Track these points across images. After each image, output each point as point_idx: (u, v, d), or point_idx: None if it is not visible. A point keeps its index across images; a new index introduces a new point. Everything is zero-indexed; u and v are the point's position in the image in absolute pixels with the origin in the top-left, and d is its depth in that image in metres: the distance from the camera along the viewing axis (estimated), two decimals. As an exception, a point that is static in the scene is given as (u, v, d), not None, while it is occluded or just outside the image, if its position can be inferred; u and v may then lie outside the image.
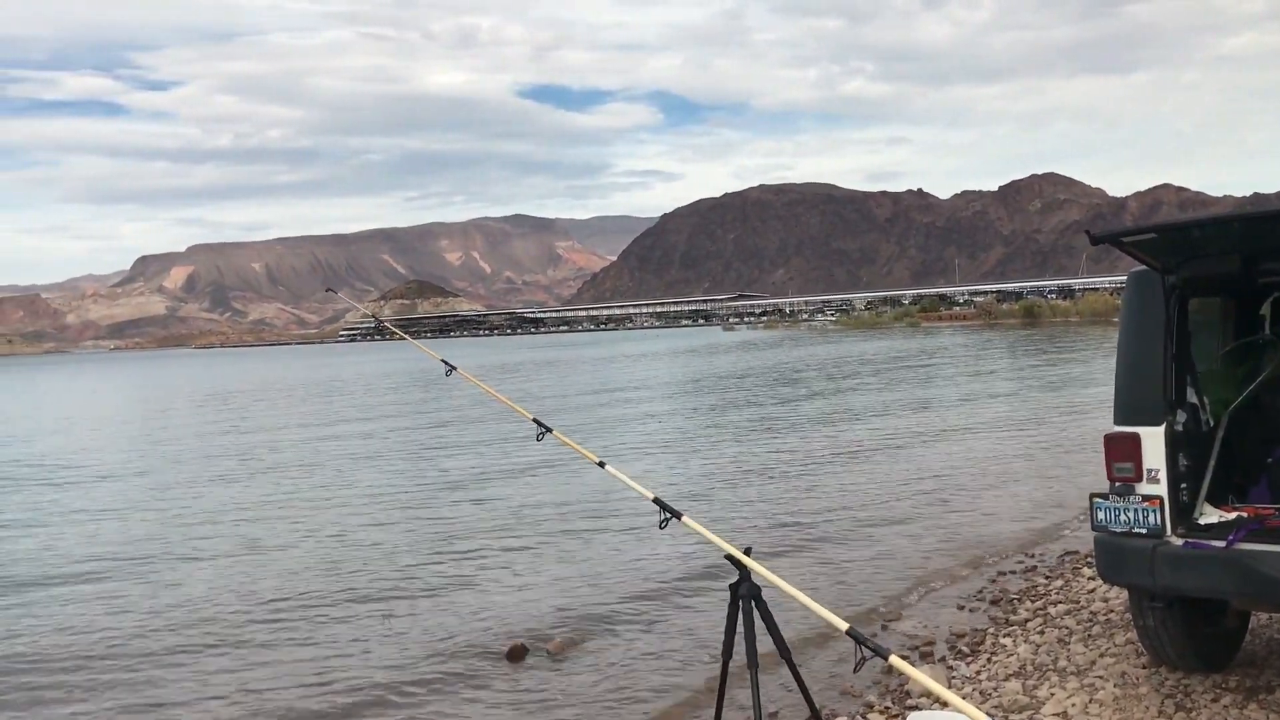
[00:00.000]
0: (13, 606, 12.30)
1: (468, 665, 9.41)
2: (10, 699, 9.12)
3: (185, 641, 10.51)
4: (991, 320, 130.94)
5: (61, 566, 14.50)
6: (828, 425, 27.60)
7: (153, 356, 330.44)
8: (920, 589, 11.18)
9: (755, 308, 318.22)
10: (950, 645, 9.07)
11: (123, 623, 11.34)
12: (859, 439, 24.21)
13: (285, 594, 12.19)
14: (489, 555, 13.77)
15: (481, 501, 18.16)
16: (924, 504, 15.85)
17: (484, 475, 21.39)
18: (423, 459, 24.96)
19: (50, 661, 10.10)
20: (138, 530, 17.03)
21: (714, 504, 16.58)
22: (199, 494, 20.86)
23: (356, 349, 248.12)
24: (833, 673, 8.52)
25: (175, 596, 12.41)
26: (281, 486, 21.34)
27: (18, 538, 16.99)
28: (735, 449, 23.75)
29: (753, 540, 11.12)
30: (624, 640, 9.90)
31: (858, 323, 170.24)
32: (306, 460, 25.89)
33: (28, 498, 21.78)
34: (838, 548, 13.22)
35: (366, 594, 12.04)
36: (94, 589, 13.02)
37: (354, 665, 9.57)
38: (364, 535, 15.61)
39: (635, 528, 14.66)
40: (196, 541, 15.83)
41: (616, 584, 11.89)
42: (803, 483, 18.40)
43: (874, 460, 20.69)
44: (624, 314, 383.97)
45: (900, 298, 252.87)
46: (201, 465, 25.72)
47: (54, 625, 11.40)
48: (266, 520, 17.38)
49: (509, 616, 10.79)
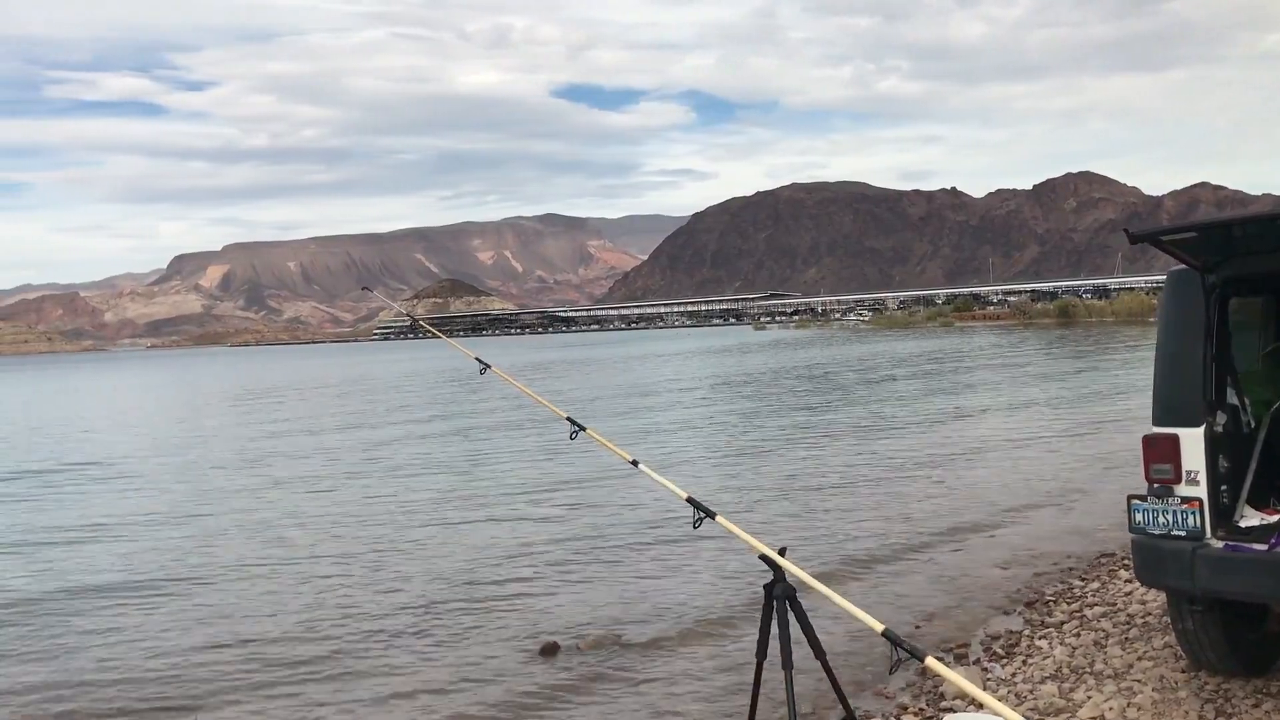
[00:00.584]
0: (60, 614, 12.47)
1: (499, 660, 9.44)
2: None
3: (223, 644, 10.61)
4: (1026, 320, 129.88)
5: (116, 574, 14.68)
6: (860, 425, 27.47)
7: (189, 355, 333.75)
8: (953, 590, 11.10)
9: (787, 307, 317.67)
10: (985, 647, 9.00)
11: (166, 636, 11.45)
12: (891, 439, 24.09)
13: (314, 598, 12.27)
14: (521, 554, 13.79)
15: (513, 501, 18.20)
16: (957, 504, 15.74)
17: (517, 474, 21.44)
18: (455, 458, 25.06)
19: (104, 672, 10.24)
20: (180, 538, 17.15)
21: (748, 504, 16.53)
22: (237, 499, 21.01)
23: (390, 347, 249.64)
24: (866, 674, 8.48)
25: (218, 604, 12.49)
26: (316, 487, 21.49)
27: (68, 542, 17.20)
28: (768, 449, 23.69)
29: (785, 540, 11.08)
30: (655, 640, 9.88)
31: (890, 322, 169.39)
32: (341, 458, 26.05)
33: (81, 499, 22.05)
34: (870, 548, 13.14)
35: (398, 595, 12.09)
36: (129, 597, 13.17)
37: (385, 665, 9.62)
38: (394, 534, 15.69)
39: (668, 527, 14.65)
40: (236, 547, 15.96)
41: (649, 584, 11.88)
42: (836, 483, 18.32)
43: (906, 460, 20.57)
44: (655, 313, 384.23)
45: (933, 297, 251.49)
46: (239, 468, 25.92)
47: (101, 636, 11.54)
48: (302, 521, 17.51)
49: (541, 613, 10.82)
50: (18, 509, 20.15)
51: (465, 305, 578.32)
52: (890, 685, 8.06)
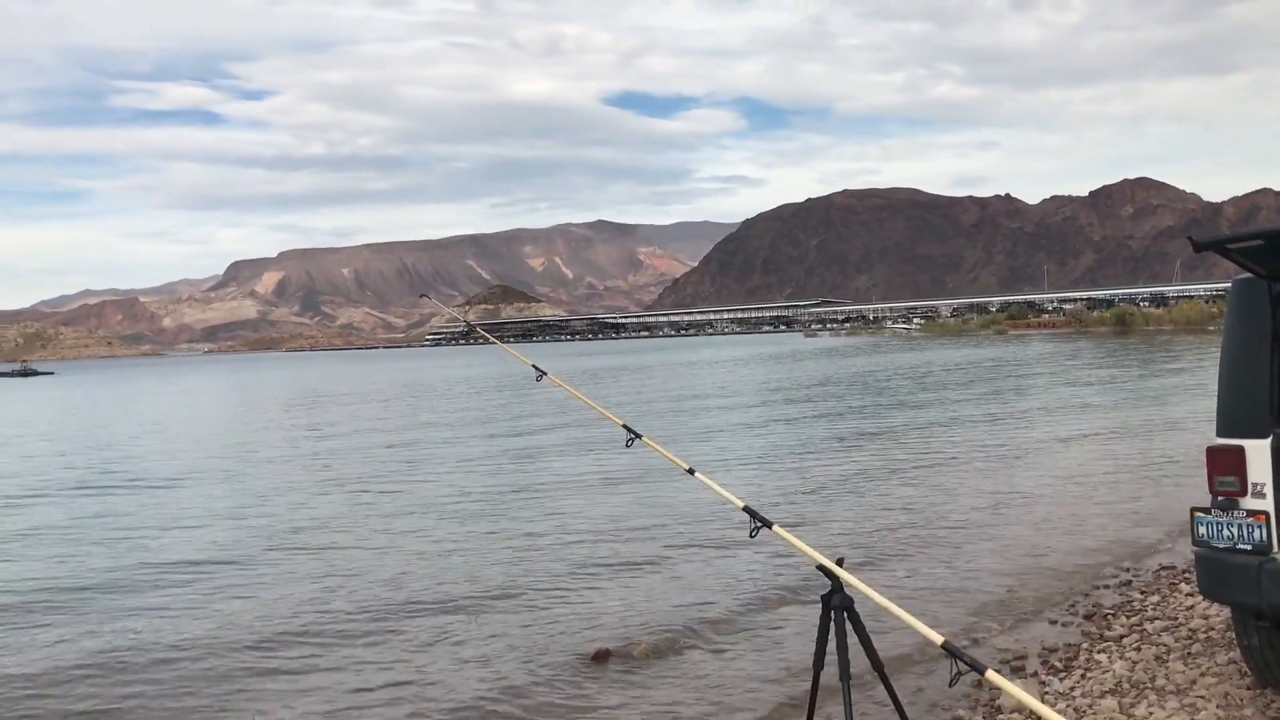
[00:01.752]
0: (121, 605, 12.70)
1: (552, 669, 9.45)
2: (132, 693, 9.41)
3: (277, 641, 10.73)
4: (1082, 328, 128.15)
5: (172, 566, 14.93)
6: (915, 434, 27.24)
7: (245, 359, 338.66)
8: (1010, 602, 10.96)
9: (838, 314, 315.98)
10: (1043, 660, 8.88)
11: (214, 628, 11.62)
12: (947, 449, 23.86)
13: (372, 597, 12.38)
14: (576, 561, 13.81)
15: (569, 507, 18.23)
16: (1014, 515, 15.55)
17: (572, 481, 21.51)
18: (510, 463, 25.19)
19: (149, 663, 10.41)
20: (231, 535, 17.42)
21: (803, 514, 16.44)
22: (293, 498, 21.29)
23: (443, 353, 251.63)
24: (921, 686, 8.40)
25: (268, 600, 12.66)
26: (372, 490, 21.70)
27: (129, 538, 17.52)
28: (822, 458, 23.56)
29: (842, 551, 11.03)
30: (710, 649, 9.86)
31: (943, 330, 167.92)
32: (396, 462, 26.30)
33: (142, 499, 22.45)
34: (926, 559, 13.03)
35: (454, 597, 12.16)
36: (185, 591, 13.38)
37: (440, 668, 9.67)
38: (451, 539, 15.78)
39: (724, 536, 14.62)
40: (287, 545, 16.15)
41: (704, 592, 11.84)
42: (891, 493, 18.17)
43: (963, 471, 20.36)
44: (705, 320, 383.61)
45: (987, 305, 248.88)
46: (295, 469, 26.28)
47: (159, 623, 11.73)
48: (357, 523, 17.68)
49: (595, 622, 10.82)
50: (92, 504, 20.54)
51: (516, 311, 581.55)
52: (947, 698, 7.98)
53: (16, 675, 9.87)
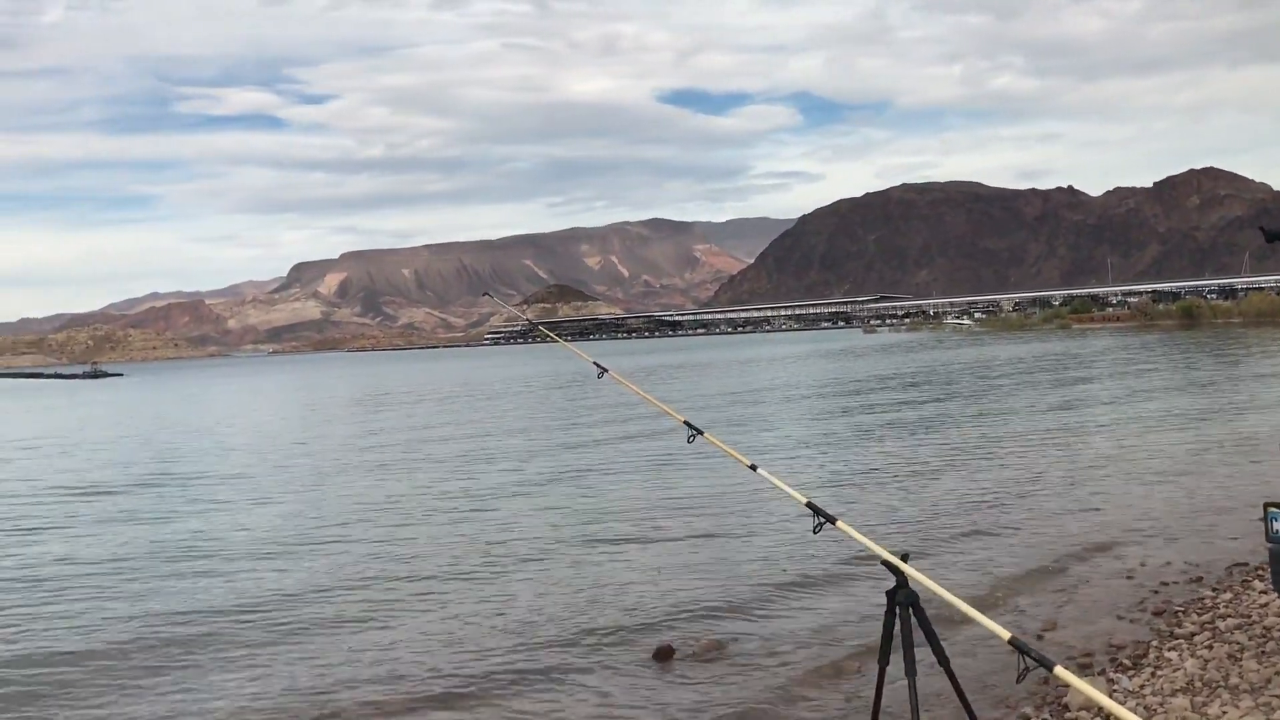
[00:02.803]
0: (201, 576, 12.98)
1: (616, 664, 9.52)
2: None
3: (347, 615, 10.91)
4: (1147, 322, 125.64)
5: (239, 552, 15.23)
6: (978, 430, 26.93)
7: (309, 360, 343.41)
8: (1076, 598, 10.83)
9: (897, 309, 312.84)
10: (1110, 657, 8.76)
11: (286, 603, 11.82)
12: (1011, 444, 23.57)
13: (436, 586, 12.53)
14: (639, 557, 13.89)
15: (630, 503, 18.33)
16: (1081, 511, 15.34)
17: (632, 478, 21.59)
18: (570, 461, 25.31)
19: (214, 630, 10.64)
20: (306, 522, 17.72)
21: (866, 509, 16.37)
22: (363, 488, 21.62)
23: (502, 351, 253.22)
24: (987, 682, 8.33)
25: (345, 602, 12.83)
26: (439, 484, 21.94)
27: (207, 527, 17.89)
28: (884, 454, 23.40)
29: (905, 546, 10.93)
30: (774, 644, 9.86)
31: (1005, 325, 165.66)
32: (459, 458, 26.55)
33: (220, 493, 22.91)
34: (990, 554, 12.90)
35: (518, 590, 12.28)
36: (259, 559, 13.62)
37: (504, 659, 9.77)
38: (506, 535, 15.93)
39: (786, 532, 14.59)
40: (359, 530, 16.39)
41: (767, 588, 11.84)
42: (955, 489, 18.01)
43: (1028, 466, 20.10)
44: (762, 316, 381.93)
45: (1050, 299, 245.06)
46: (366, 460, 26.64)
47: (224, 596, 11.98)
48: (423, 517, 17.89)
49: (656, 618, 10.87)
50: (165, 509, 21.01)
51: (573, 310, 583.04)
52: (1012, 694, 7.91)
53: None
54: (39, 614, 12.47)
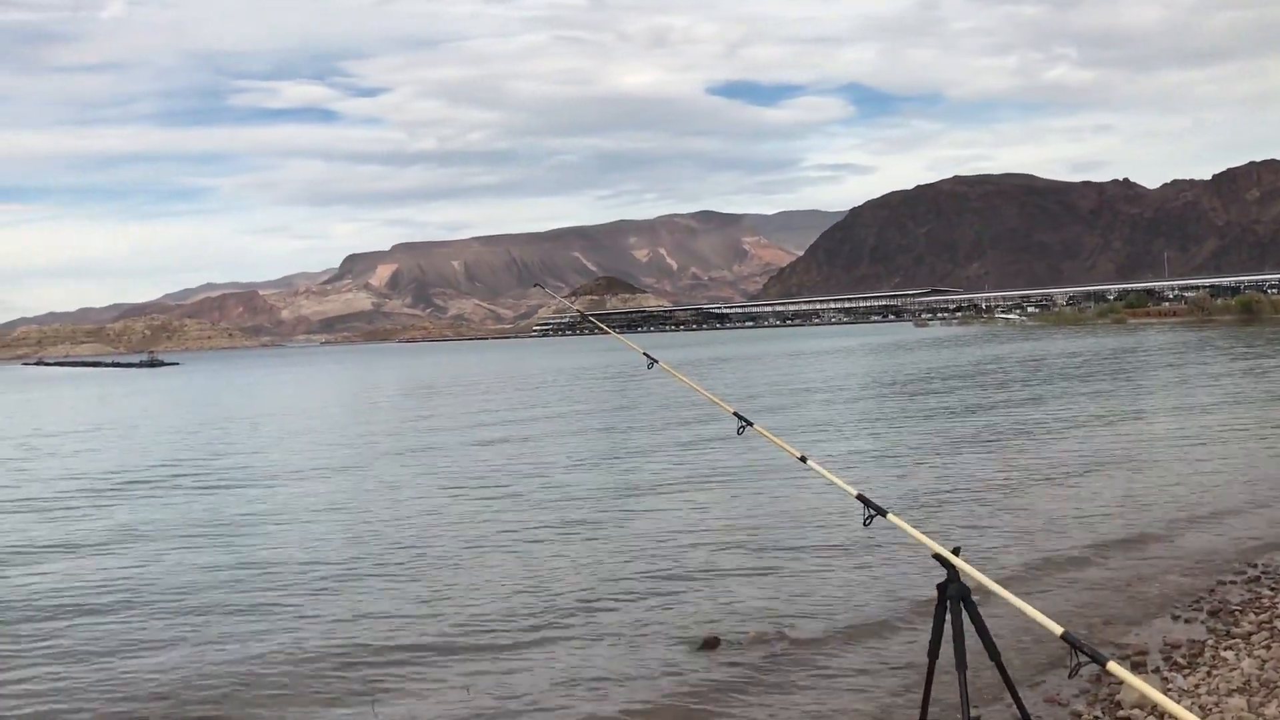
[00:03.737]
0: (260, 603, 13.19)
1: (662, 653, 9.53)
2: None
3: (389, 623, 11.03)
4: (1205, 317, 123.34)
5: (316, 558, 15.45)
6: (1032, 425, 26.63)
7: (361, 350, 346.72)
8: (1130, 595, 10.69)
9: (949, 303, 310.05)
10: (1165, 656, 8.64)
11: (352, 622, 11.98)
12: (1064, 439, 23.30)
13: (477, 588, 12.62)
14: (683, 547, 13.89)
15: (677, 494, 18.35)
16: (1135, 507, 15.13)
17: (680, 469, 21.60)
18: (619, 451, 25.39)
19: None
20: (359, 525, 17.92)
21: (917, 502, 16.26)
22: (409, 488, 21.82)
23: (550, 343, 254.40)
24: (1038, 678, 8.26)
25: (399, 589, 12.96)
26: (486, 479, 22.09)
27: (270, 529, 18.17)
28: (936, 448, 23.21)
29: (956, 540, 10.85)
30: (819, 638, 9.81)
31: (1058, 319, 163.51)
32: (508, 449, 26.71)
33: (271, 490, 23.25)
34: (1043, 550, 12.75)
35: (562, 585, 12.33)
36: (308, 586, 13.81)
37: (546, 656, 9.82)
38: (555, 525, 15.99)
39: (835, 524, 14.55)
40: (408, 533, 16.54)
41: (814, 581, 11.80)
42: (1007, 483, 17.83)
43: (1083, 464, 19.83)
44: (811, 309, 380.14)
45: (1104, 293, 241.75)
46: (412, 458, 26.88)
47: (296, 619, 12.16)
48: (471, 512, 18.01)
49: (703, 609, 10.87)
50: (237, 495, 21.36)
51: (621, 303, 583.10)
52: (1063, 691, 7.84)
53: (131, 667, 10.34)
54: (101, 601, 12.73)
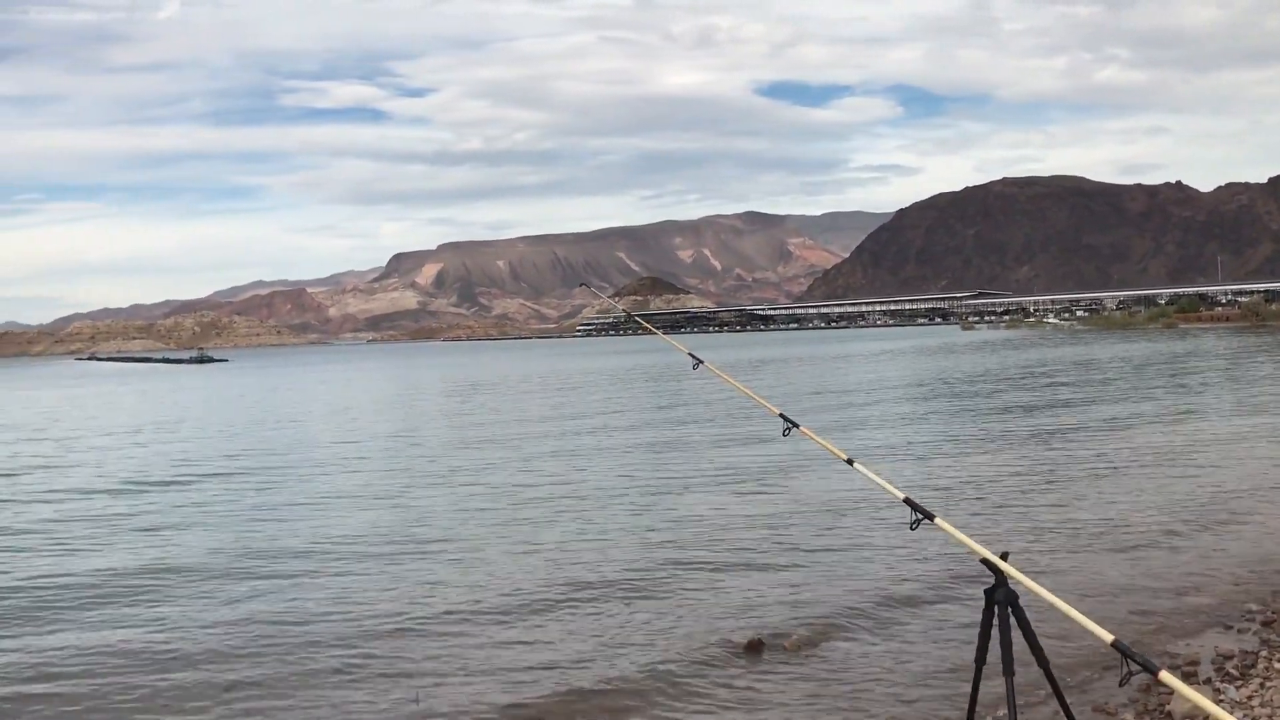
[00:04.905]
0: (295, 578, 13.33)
1: (705, 657, 9.51)
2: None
3: (434, 620, 11.10)
4: (1259, 322, 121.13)
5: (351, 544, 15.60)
6: (1083, 431, 26.30)
7: (407, 348, 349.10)
8: (1180, 604, 10.54)
9: (996, 306, 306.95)
10: (1216, 667, 8.51)
11: (383, 603, 12.08)
12: (1117, 446, 22.97)
13: (526, 580, 12.67)
14: (729, 550, 13.86)
15: (721, 496, 18.31)
16: (1186, 515, 14.89)
17: (727, 469, 21.55)
18: (666, 451, 25.39)
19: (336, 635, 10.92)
20: (408, 515, 18.08)
21: (964, 507, 16.13)
22: (452, 482, 21.97)
23: (594, 343, 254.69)
24: (1086, 686, 8.16)
25: (443, 580, 13.05)
26: (528, 476, 22.18)
27: (308, 518, 18.38)
28: (983, 451, 23.02)
29: (1004, 545, 10.72)
30: (867, 642, 9.77)
31: (1108, 323, 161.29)
32: (558, 446, 26.82)
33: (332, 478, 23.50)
34: (1091, 557, 12.60)
35: (608, 581, 12.35)
36: (349, 567, 13.93)
37: (594, 651, 9.84)
38: (600, 523, 16.03)
39: (881, 528, 14.47)
40: (448, 530, 16.64)
41: (860, 585, 11.75)
42: (1058, 489, 17.63)
43: (1134, 469, 19.57)
44: (856, 311, 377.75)
45: (1155, 297, 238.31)
46: (458, 455, 27.05)
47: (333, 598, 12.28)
48: (513, 508, 18.09)
49: (747, 612, 10.84)
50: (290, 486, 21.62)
51: (665, 303, 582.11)
52: (1111, 700, 7.74)
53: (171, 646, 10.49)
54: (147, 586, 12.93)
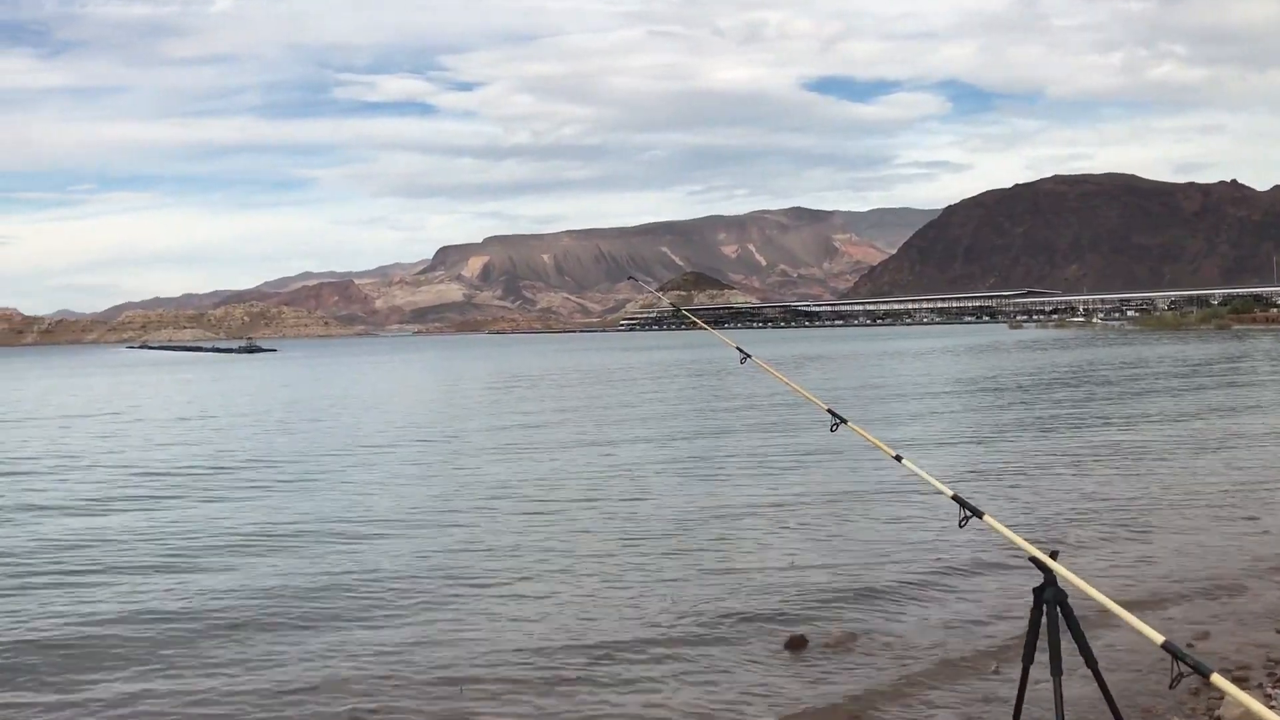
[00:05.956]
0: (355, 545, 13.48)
1: (748, 652, 9.51)
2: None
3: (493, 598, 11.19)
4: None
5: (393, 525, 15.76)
6: (1131, 429, 26.00)
7: (453, 341, 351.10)
8: (1231, 607, 10.39)
9: (1045, 305, 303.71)
10: (1269, 672, 8.39)
11: (432, 626, 12.18)
12: (1167, 446, 22.68)
13: (571, 563, 12.74)
14: (776, 545, 13.85)
15: (769, 490, 18.26)
16: (1238, 518, 14.68)
17: (774, 465, 21.52)
18: (712, 444, 25.42)
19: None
20: (447, 511, 18.21)
21: (1012, 505, 16.01)
22: (495, 469, 22.12)
23: (637, 337, 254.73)
24: (1131, 687, 8.06)
25: (470, 586, 13.13)
26: (573, 473, 22.26)
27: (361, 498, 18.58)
28: (1031, 450, 22.81)
29: (1052, 544, 10.63)
30: (909, 639, 9.71)
31: (1159, 323, 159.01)
32: (603, 439, 26.92)
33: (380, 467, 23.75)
34: (1141, 558, 12.46)
35: (653, 571, 12.39)
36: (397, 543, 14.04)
37: (636, 639, 9.87)
38: (642, 518, 16.04)
39: (928, 525, 14.39)
40: (494, 525, 16.73)
41: (905, 582, 11.69)
42: (1105, 488, 17.46)
43: (1185, 471, 19.31)
44: (903, 309, 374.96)
45: (1208, 297, 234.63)
46: (494, 451, 27.22)
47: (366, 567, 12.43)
48: (558, 506, 18.16)
49: (792, 606, 10.83)
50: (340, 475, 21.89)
51: (708, 299, 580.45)
52: (1159, 703, 7.65)
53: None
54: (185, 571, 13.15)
